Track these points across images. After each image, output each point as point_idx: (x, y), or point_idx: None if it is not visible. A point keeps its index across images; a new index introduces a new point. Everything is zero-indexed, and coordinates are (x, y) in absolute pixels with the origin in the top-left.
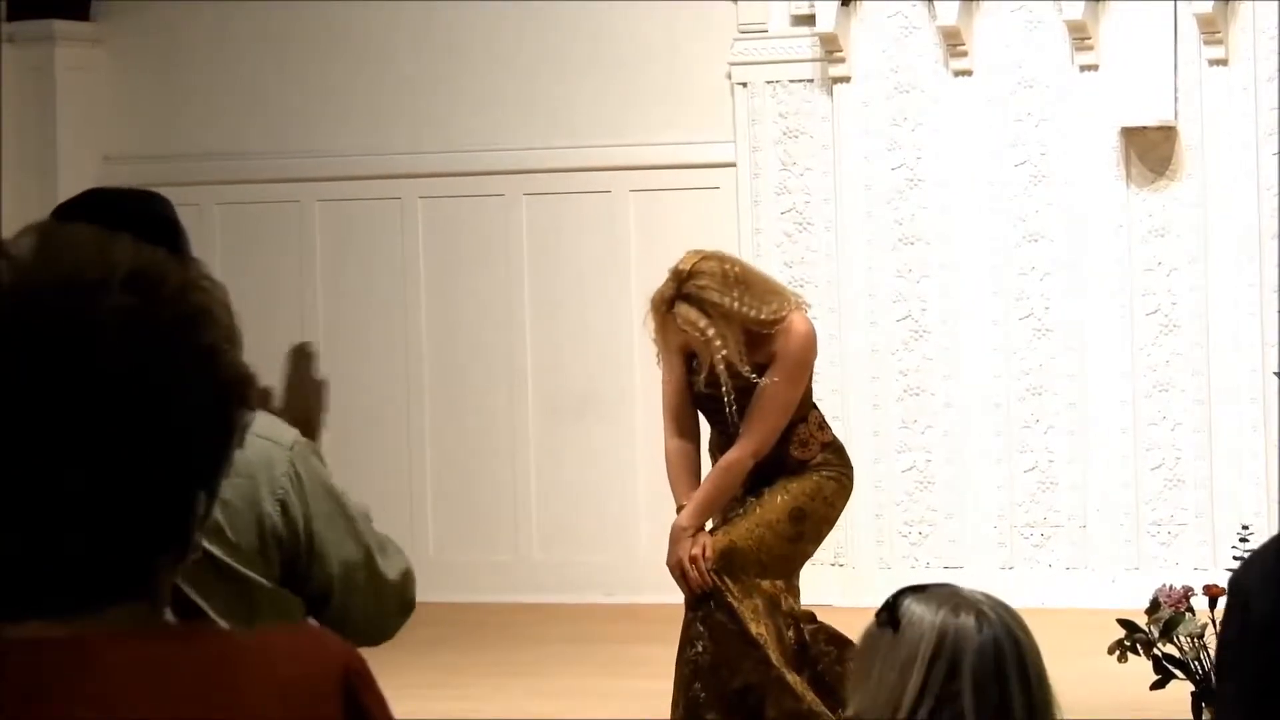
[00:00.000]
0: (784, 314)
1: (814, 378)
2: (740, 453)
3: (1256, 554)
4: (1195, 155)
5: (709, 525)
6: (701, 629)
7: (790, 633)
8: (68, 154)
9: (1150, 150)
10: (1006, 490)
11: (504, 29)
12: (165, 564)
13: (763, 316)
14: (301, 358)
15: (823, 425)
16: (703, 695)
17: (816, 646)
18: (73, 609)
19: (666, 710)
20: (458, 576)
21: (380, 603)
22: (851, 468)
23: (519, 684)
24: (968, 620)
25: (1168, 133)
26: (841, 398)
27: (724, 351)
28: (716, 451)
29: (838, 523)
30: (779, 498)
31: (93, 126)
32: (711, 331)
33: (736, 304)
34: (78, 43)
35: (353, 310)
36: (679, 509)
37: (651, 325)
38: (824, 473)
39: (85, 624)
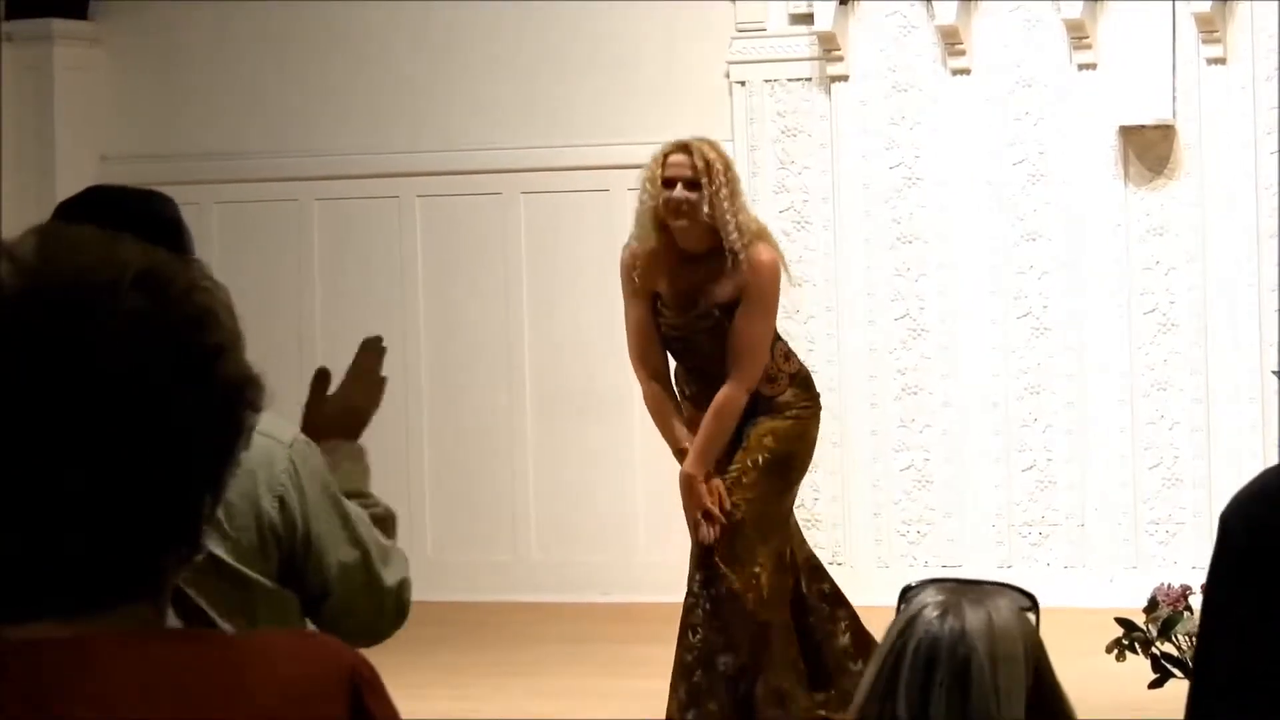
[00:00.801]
0: (751, 240)
1: (795, 338)
2: (732, 391)
3: (1247, 489)
4: (1194, 154)
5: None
6: (701, 614)
7: (790, 580)
8: (66, 153)
9: (1148, 149)
10: (1005, 489)
11: (502, 28)
12: (170, 565)
13: (740, 217)
14: (370, 350)
15: (788, 356)
16: (704, 684)
17: (811, 599)
18: (75, 610)
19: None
20: (456, 576)
21: (376, 606)
22: (818, 394)
23: (518, 684)
24: (930, 615)
25: (1166, 132)
26: (840, 396)
27: (722, 191)
28: (684, 385)
29: (837, 520)
30: (760, 457)
31: (91, 126)
32: (720, 165)
33: (740, 186)
34: (76, 42)
35: (351, 309)
36: (677, 452)
37: (645, 186)
38: (792, 413)
39: (87, 625)
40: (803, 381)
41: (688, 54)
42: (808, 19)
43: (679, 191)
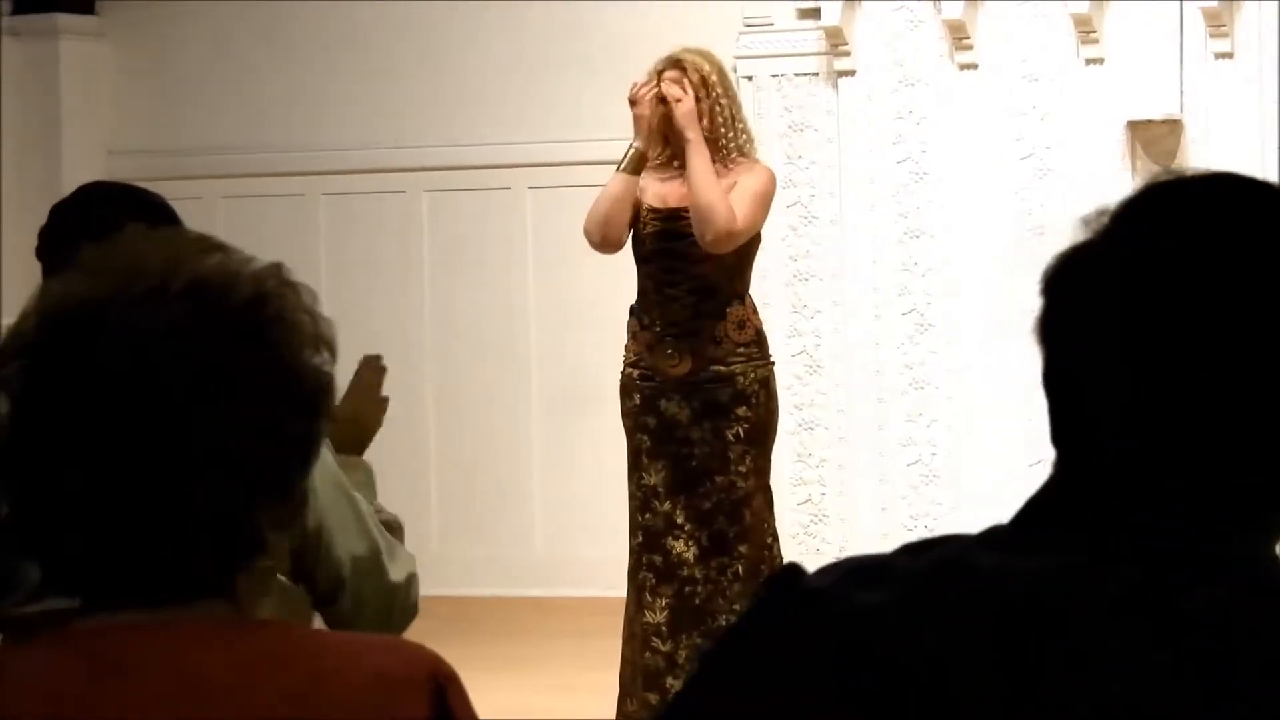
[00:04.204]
0: (751, 156)
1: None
2: (733, 214)
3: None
4: (1201, 149)
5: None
6: (723, 600)
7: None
8: (72, 148)
9: (1155, 143)
10: (1011, 484)
11: (509, 24)
12: (241, 565)
13: (739, 127)
14: (371, 369)
15: (755, 310)
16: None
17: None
18: (156, 602)
19: None
20: (461, 570)
21: (385, 603)
22: (770, 352)
23: (522, 678)
24: None
25: (1173, 126)
26: (845, 392)
27: (721, 101)
28: (646, 315)
29: (844, 515)
30: (740, 429)
31: (97, 120)
32: (715, 77)
33: (737, 95)
34: (82, 37)
35: (357, 304)
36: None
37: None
38: (752, 383)
39: (175, 614)
40: (763, 338)
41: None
42: (814, 14)
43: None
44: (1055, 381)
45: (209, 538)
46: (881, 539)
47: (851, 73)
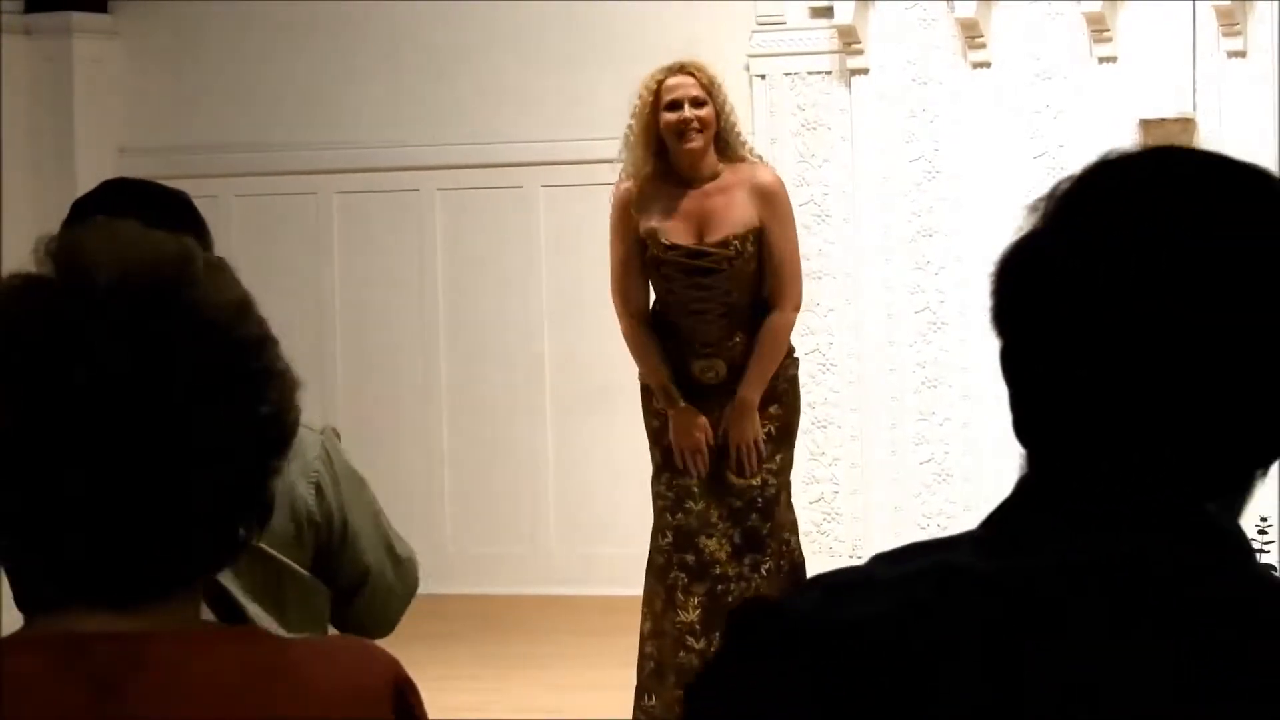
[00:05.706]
0: (749, 157)
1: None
2: (786, 315)
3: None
4: (1214, 147)
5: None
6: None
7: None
8: (84, 146)
9: (1169, 142)
10: None
11: (523, 22)
12: (214, 559)
13: (741, 136)
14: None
15: None
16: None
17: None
18: (128, 600)
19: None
20: (474, 569)
21: (401, 592)
22: (794, 348)
23: (535, 677)
24: None
25: (1186, 124)
26: (859, 390)
27: (728, 104)
28: (678, 316)
29: (857, 514)
30: (771, 428)
31: (109, 118)
32: (720, 80)
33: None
34: (95, 35)
35: (371, 302)
36: (660, 387)
37: (636, 114)
38: (785, 377)
39: (139, 616)
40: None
41: (708, 47)
42: (827, 12)
43: (689, 111)
44: (1014, 371)
45: (207, 537)
46: (895, 538)
47: (864, 71)
